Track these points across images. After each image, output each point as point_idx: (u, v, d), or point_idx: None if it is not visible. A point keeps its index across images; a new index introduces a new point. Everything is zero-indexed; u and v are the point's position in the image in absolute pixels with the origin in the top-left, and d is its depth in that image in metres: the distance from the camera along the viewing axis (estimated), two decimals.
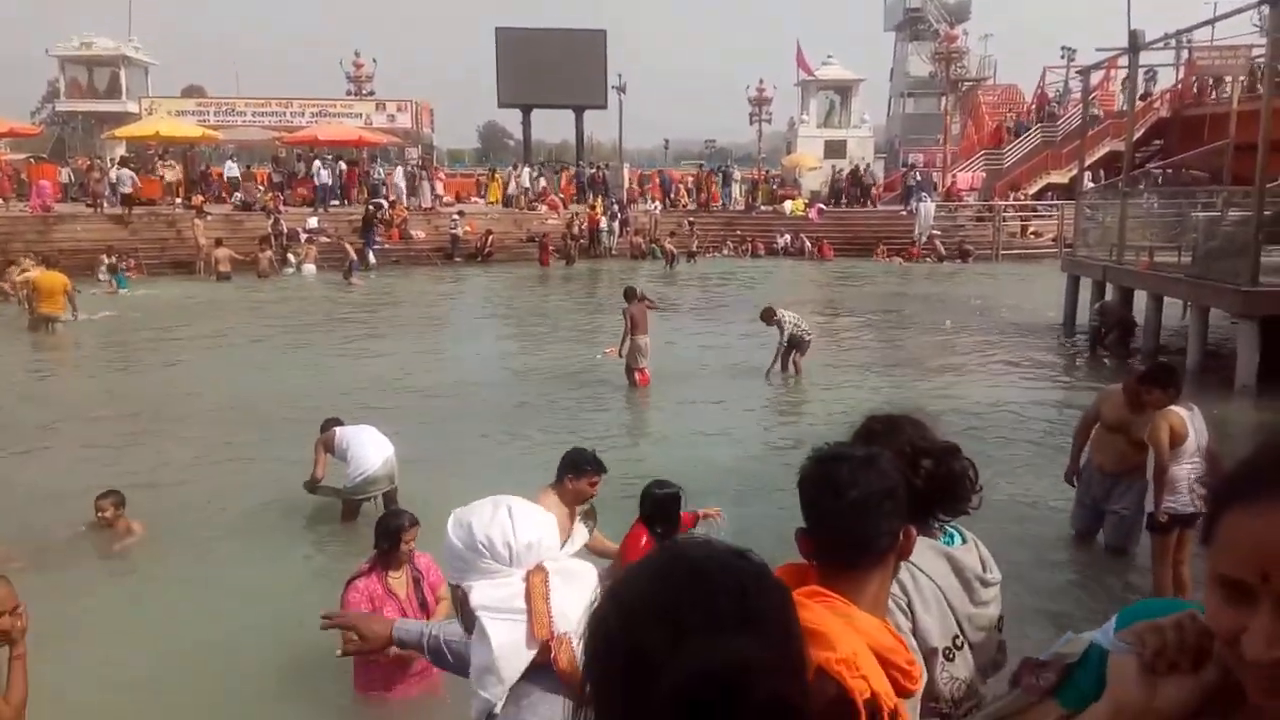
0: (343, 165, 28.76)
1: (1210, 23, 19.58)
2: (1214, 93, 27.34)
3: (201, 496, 7.31)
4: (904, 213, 30.38)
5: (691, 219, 29.98)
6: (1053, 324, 15.72)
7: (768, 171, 38.09)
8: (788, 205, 32.29)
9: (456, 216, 27.22)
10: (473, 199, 32.55)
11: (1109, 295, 14.23)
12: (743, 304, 18.57)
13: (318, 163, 27.75)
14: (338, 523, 6.68)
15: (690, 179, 35.01)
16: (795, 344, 11.48)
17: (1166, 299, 12.89)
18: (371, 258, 24.58)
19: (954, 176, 34.26)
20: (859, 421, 2.00)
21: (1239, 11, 15.16)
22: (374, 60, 35.81)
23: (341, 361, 12.84)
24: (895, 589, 1.79)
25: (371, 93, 35.11)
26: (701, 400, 10.59)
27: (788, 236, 29.72)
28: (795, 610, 0.99)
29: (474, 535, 1.65)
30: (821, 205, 32.12)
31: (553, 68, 37.21)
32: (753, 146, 43.44)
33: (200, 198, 25.91)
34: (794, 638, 0.96)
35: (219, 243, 22.56)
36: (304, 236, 24.56)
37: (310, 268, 23.40)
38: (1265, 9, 13.66)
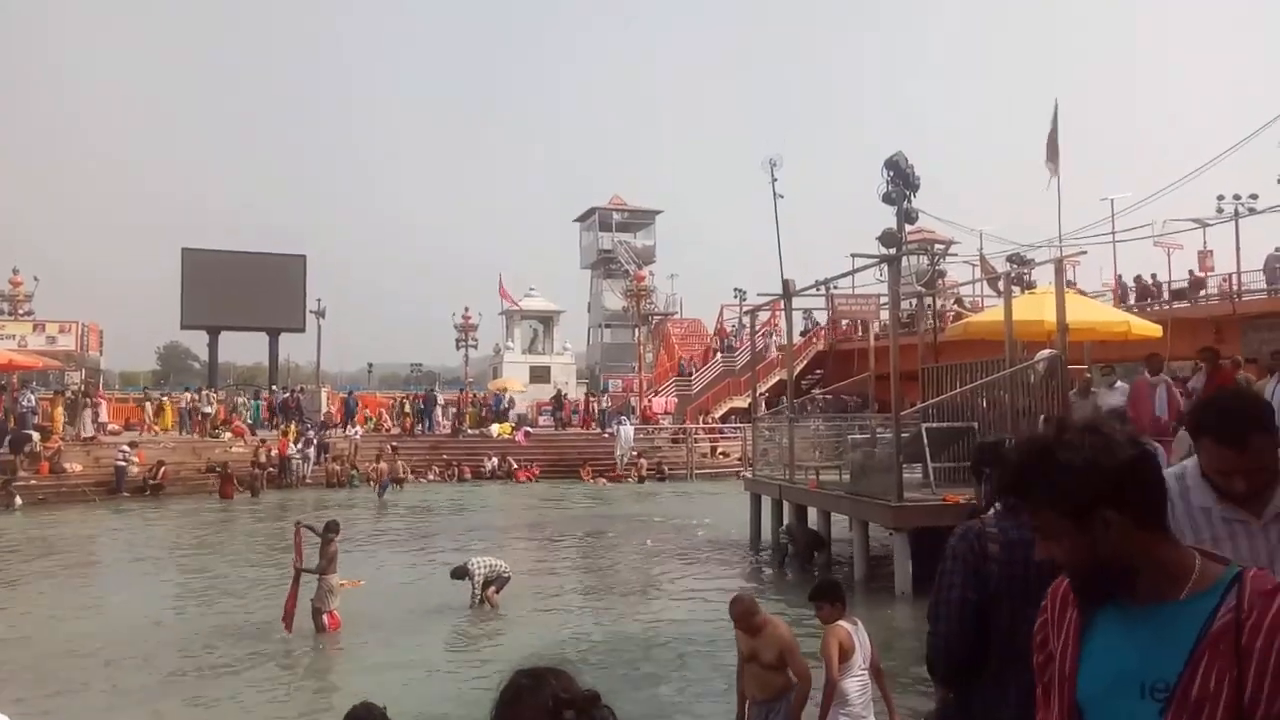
0: None
1: (848, 274, 23.10)
2: (857, 330, 31.89)
3: None
4: (605, 435, 31.67)
5: (395, 444, 29.25)
6: (741, 540, 16.63)
7: (475, 394, 38.54)
8: (494, 428, 32.59)
9: (126, 447, 24.55)
10: (146, 426, 29.72)
11: (785, 511, 15.38)
12: (447, 533, 18.02)
13: None
14: None
15: (394, 401, 34.56)
16: (492, 582, 11.17)
17: (834, 514, 14.14)
18: (18, 499, 21.42)
19: (650, 401, 36.54)
20: (508, 676, 2.02)
21: (867, 267, 18.05)
22: (35, 278, 32.78)
23: None
24: None
25: (30, 313, 31.84)
26: (399, 643, 9.82)
27: (495, 460, 29.76)
28: None
29: None
30: (528, 428, 32.75)
31: (246, 290, 36.13)
32: (460, 370, 43.98)
33: None
34: None
35: None
36: None
37: None
38: (885, 266, 16.41)
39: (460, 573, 11.16)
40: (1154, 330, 14.56)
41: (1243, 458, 2.17)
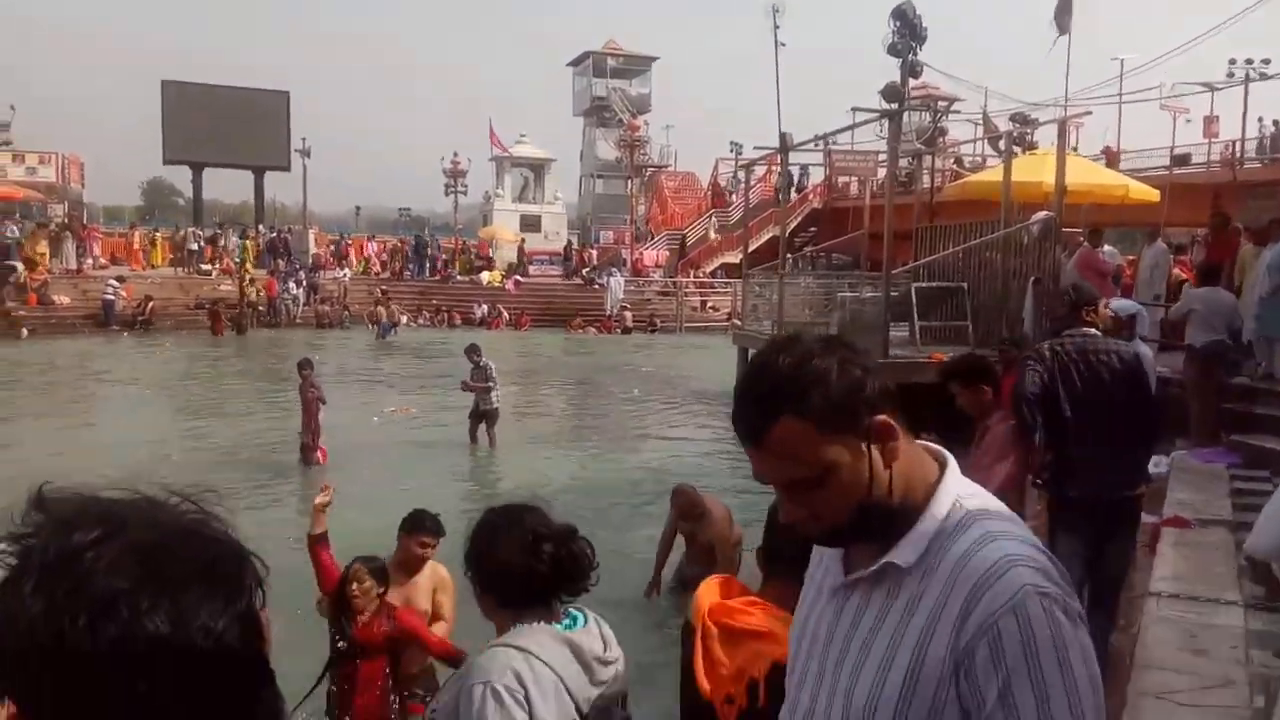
0: None
1: (848, 129, 22.63)
2: (857, 188, 31.48)
3: None
4: (596, 286, 31.71)
5: (385, 287, 29.22)
6: (726, 392, 16.94)
7: (465, 241, 38.24)
8: (485, 276, 32.52)
9: (114, 281, 24.48)
10: (133, 262, 29.48)
11: None
12: (443, 376, 18.21)
13: None
14: None
15: (387, 245, 34.39)
16: (484, 416, 11.45)
17: None
18: (24, 329, 21.67)
19: (641, 253, 36.37)
20: (481, 515, 2.07)
21: (868, 122, 17.65)
22: (11, 107, 31.76)
23: None
24: (512, 681, 1.81)
25: (8, 143, 30.97)
26: (387, 476, 10.16)
27: (485, 307, 29.85)
28: None
29: None
30: (519, 277, 32.70)
31: (229, 127, 35.17)
32: (449, 216, 43.43)
33: None
34: None
35: None
36: None
37: None
38: (886, 121, 16.06)
39: (474, 351, 11.68)
40: (1151, 195, 14.41)
41: (757, 460, 1.24)
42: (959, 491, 1.27)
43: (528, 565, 1.92)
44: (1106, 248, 12.25)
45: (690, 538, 6.28)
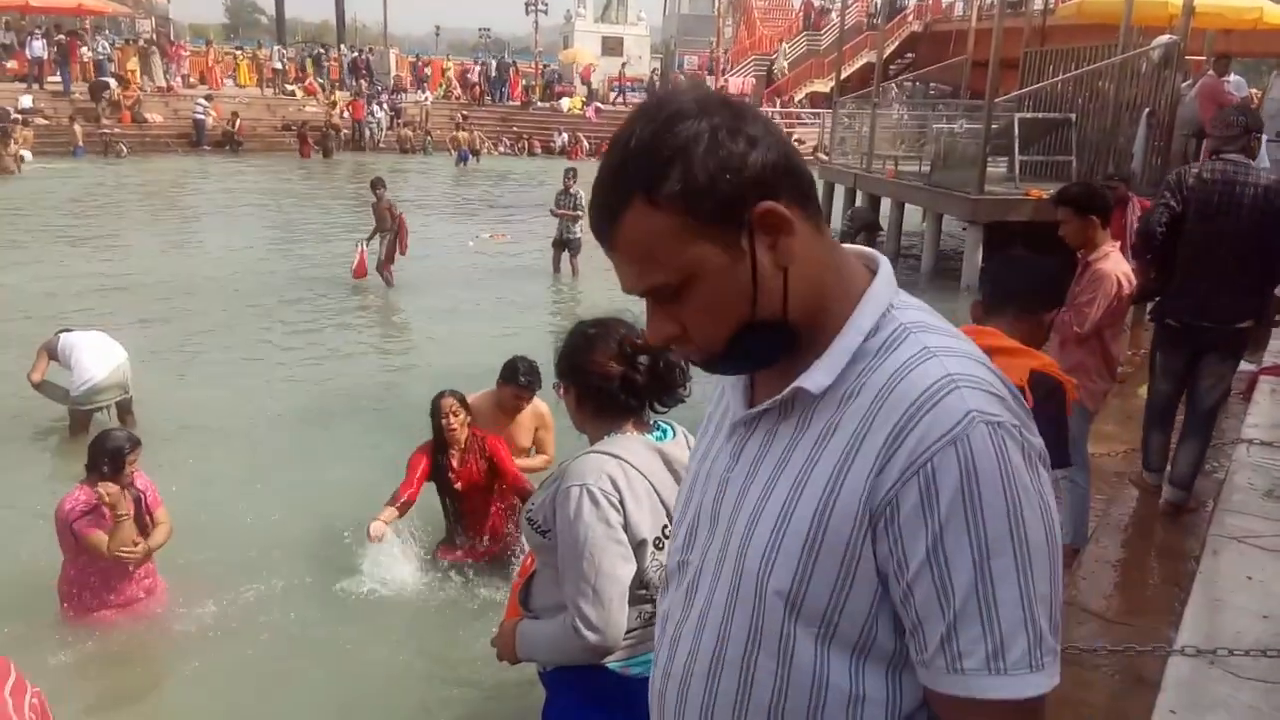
0: (61, 37, 25.18)
1: None
2: (961, 8, 29.33)
3: None
4: None
5: (465, 113, 28.91)
6: None
7: (545, 66, 37.23)
8: (565, 102, 31.82)
9: (203, 100, 24.71)
10: (212, 83, 29.49)
11: (859, 201, 15.19)
12: (526, 205, 18.21)
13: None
14: (65, 435, 6.09)
15: (465, 69, 33.67)
16: (566, 245, 11.47)
17: (908, 205, 13.92)
18: (123, 146, 22.22)
19: (726, 81, 34.97)
20: (569, 327, 2.07)
21: None
22: None
23: (71, 260, 11.48)
24: (607, 484, 1.87)
25: None
26: (470, 300, 10.41)
27: (566, 135, 29.36)
28: None
29: None
30: (599, 104, 31.92)
31: None
32: (529, 40, 42.18)
33: None
34: None
35: None
36: (16, 117, 21.44)
37: (25, 154, 20.54)
38: None
39: (571, 174, 11.35)
40: None
41: (616, 266, 0.98)
42: (892, 300, 0.97)
43: (626, 374, 1.95)
44: (1233, 77, 11.32)
45: None
